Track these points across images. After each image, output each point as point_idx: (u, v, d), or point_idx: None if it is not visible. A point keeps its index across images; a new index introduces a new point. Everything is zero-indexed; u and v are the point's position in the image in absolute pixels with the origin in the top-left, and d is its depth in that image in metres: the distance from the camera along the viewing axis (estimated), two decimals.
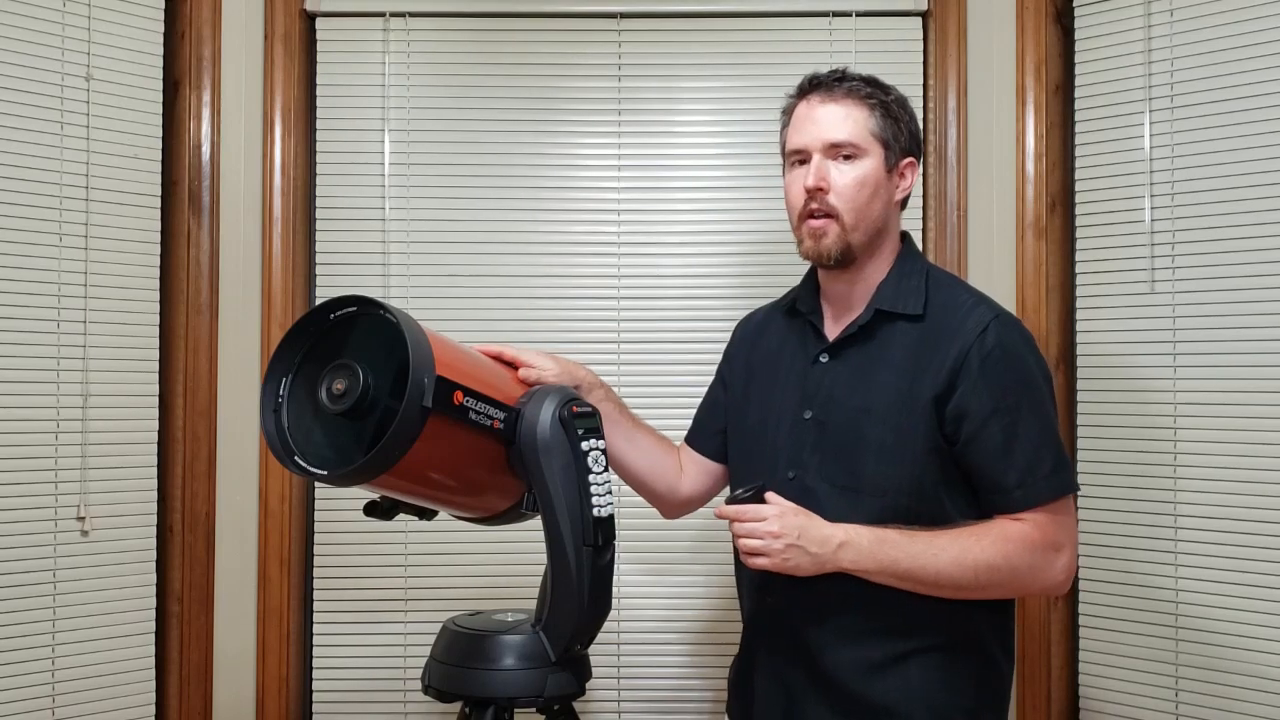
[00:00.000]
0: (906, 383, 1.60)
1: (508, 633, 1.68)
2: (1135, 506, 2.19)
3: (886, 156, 1.65)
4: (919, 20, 2.40)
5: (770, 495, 1.58)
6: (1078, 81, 2.31)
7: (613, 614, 1.77)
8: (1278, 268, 2.01)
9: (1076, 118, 2.31)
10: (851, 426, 1.62)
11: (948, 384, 1.58)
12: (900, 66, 2.39)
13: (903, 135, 1.68)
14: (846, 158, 1.64)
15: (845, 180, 1.63)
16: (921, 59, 2.39)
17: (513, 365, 1.75)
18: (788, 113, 1.74)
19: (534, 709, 1.70)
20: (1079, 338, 2.29)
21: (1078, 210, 2.31)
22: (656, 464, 1.86)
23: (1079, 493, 1.61)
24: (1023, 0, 2.32)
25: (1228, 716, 2.05)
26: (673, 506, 1.91)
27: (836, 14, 2.39)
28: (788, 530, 1.53)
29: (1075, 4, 2.31)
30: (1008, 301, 2.32)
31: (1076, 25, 2.31)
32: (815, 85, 1.69)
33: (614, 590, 1.74)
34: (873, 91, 1.67)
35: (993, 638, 1.64)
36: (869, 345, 1.65)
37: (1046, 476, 1.57)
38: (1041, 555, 1.57)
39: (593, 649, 1.75)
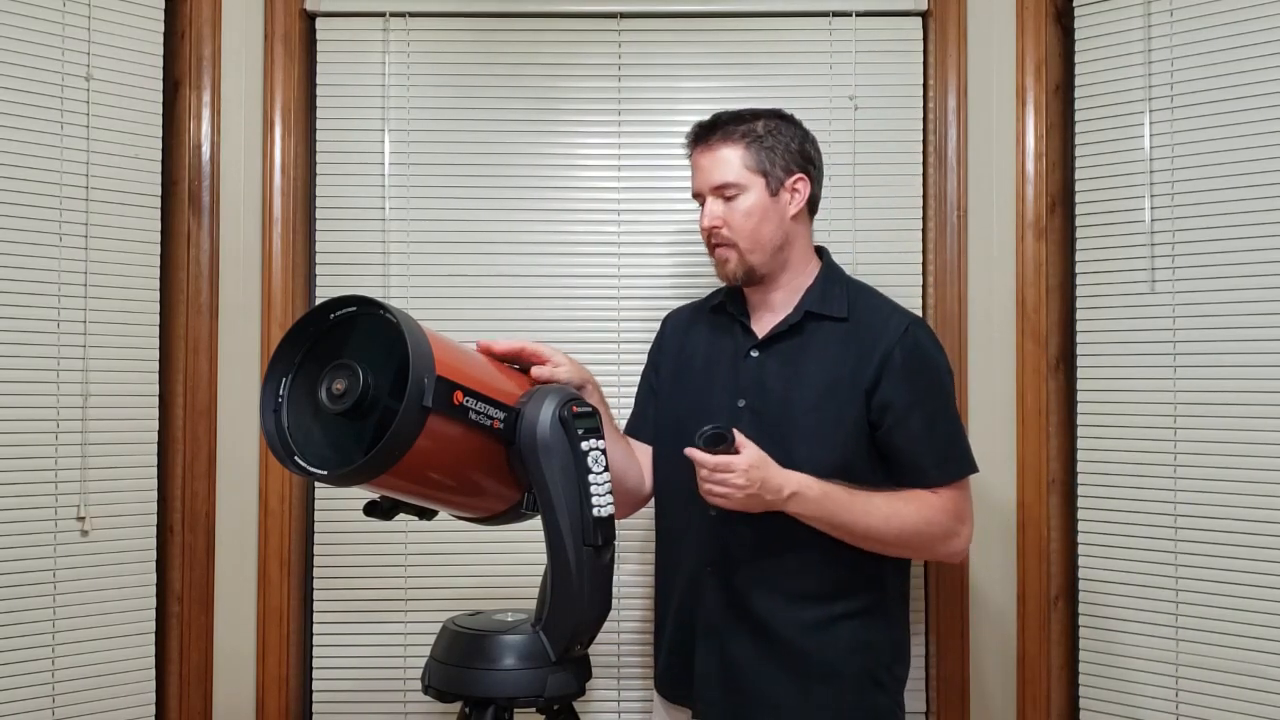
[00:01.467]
0: (835, 375, 1.81)
1: (508, 633, 1.68)
2: (1135, 506, 2.19)
3: (767, 183, 1.84)
4: (919, 20, 2.40)
5: (739, 438, 1.69)
6: (1078, 81, 2.31)
7: (613, 614, 1.77)
8: (1278, 268, 2.01)
9: (1076, 118, 2.31)
10: (783, 414, 1.81)
11: (875, 377, 1.79)
12: (900, 66, 2.39)
13: (781, 157, 1.85)
14: (729, 197, 1.84)
15: (734, 216, 1.84)
16: (921, 59, 2.39)
17: (516, 361, 1.77)
18: (689, 159, 1.93)
19: (534, 709, 1.70)
20: (1079, 338, 2.29)
21: (1078, 210, 2.31)
22: (631, 465, 1.95)
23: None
24: (1023, 0, 2.32)
25: (1228, 716, 2.05)
26: (635, 505, 1.99)
27: (836, 14, 2.39)
28: (752, 481, 1.68)
29: (1075, 4, 2.31)
30: (1008, 301, 2.32)
31: (1076, 25, 2.31)
32: (696, 137, 1.89)
33: (614, 590, 1.75)
34: (745, 129, 1.85)
35: (897, 600, 1.89)
36: (797, 341, 1.85)
37: (957, 459, 1.83)
38: (952, 524, 1.82)
39: (593, 649, 1.75)
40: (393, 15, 2.40)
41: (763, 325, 1.89)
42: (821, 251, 1.94)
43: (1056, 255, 2.31)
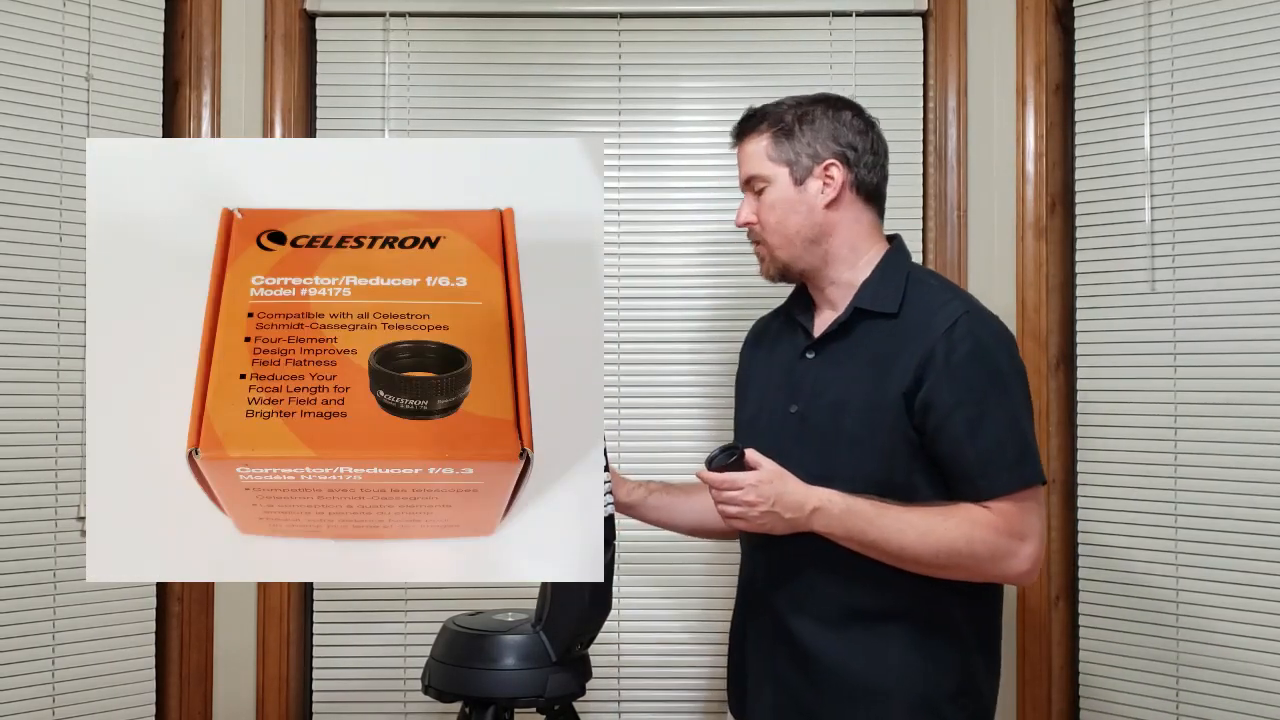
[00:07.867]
0: (878, 377, 1.66)
1: (508, 633, 1.68)
2: (1135, 506, 2.19)
3: (792, 172, 1.74)
4: (919, 20, 2.40)
5: (751, 455, 1.61)
6: (1078, 81, 2.31)
7: (613, 614, 1.77)
8: (1278, 268, 2.01)
9: (1076, 118, 2.31)
10: (829, 419, 1.69)
11: (915, 378, 1.63)
12: (900, 66, 2.39)
13: (807, 146, 1.74)
14: (758, 191, 1.76)
15: (761, 210, 1.76)
16: (921, 59, 2.39)
17: None
18: None
19: (534, 709, 1.70)
20: (1079, 338, 2.29)
21: (1078, 210, 2.31)
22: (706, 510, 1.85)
23: (1045, 484, 1.69)
24: (1023, 0, 2.32)
25: (1228, 716, 2.05)
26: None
27: (836, 14, 2.39)
28: (764, 498, 1.59)
29: (1075, 4, 2.31)
30: (1008, 301, 2.32)
31: (1076, 25, 2.31)
32: (732, 134, 1.82)
33: (614, 590, 1.74)
34: (771, 120, 1.76)
35: (968, 628, 1.69)
36: (846, 342, 1.72)
37: (1010, 467, 1.61)
38: (1005, 542, 1.60)
39: (593, 649, 1.75)
40: (393, 15, 2.40)
41: (822, 325, 1.77)
42: (891, 239, 1.79)
43: (1056, 255, 2.32)
